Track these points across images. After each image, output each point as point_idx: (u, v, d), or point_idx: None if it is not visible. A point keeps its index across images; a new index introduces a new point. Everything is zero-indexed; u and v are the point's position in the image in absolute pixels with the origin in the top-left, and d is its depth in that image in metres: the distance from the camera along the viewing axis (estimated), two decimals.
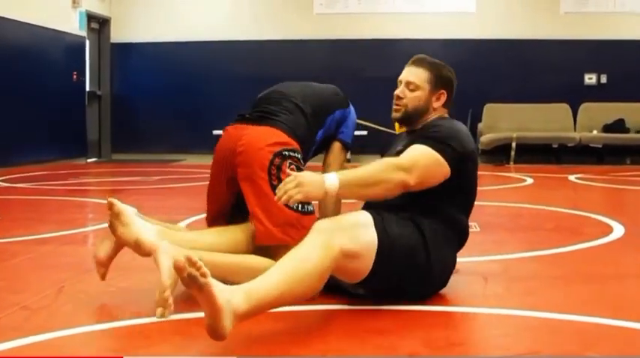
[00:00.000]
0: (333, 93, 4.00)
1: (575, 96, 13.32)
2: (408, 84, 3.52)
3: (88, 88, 13.68)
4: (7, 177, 9.73)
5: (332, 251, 2.93)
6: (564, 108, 13.33)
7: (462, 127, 3.44)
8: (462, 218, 3.44)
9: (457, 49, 13.55)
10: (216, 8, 14.11)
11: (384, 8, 13.74)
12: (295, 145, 3.56)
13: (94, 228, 5.39)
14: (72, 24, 13.06)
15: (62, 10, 12.77)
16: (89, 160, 13.63)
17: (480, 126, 13.38)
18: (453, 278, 3.78)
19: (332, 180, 3.02)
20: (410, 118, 3.53)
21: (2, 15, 10.96)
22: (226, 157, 3.59)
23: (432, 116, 3.52)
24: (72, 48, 13.05)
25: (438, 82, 3.52)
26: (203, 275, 2.45)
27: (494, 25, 13.64)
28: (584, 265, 4.36)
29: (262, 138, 3.53)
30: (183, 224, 4.86)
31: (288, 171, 3.39)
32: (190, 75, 13.85)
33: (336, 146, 3.94)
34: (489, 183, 9.82)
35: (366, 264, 3.09)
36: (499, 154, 12.78)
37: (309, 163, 3.78)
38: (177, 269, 2.43)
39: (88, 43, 13.72)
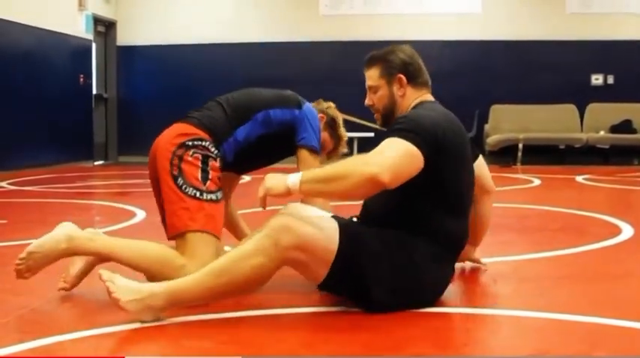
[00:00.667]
0: (274, 94, 3.87)
1: (582, 96, 13.29)
2: (370, 89, 3.44)
3: (94, 91, 13.68)
4: (14, 180, 9.74)
5: (271, 253, 2.96)
6: (571, 109, 13.31)
7: (429, 113, 3.21)
8: (449, 226, 3.19)
9: (463, 51, 13.56)
10: (221, 11, 14.11)
11: (390, 9, 13.73)
12: (202, 135, 3.53)
13: (101, 231, 5.37)
14: (78, 27, 13.08)
15: (68, 14, 12.78)
16: (96, 163, 13.65)
17: (487, 127, 13.37)
18: (462, 279, 3.78)
19: (295, 176, 3.02)
20: (388, 118, 3.40)
21: (9, 18, 10.97)
22: (150, 163, 3.64)
23: (409, 103, 3.38)
24: (78, 51, 13.07)
25: (390, 70, 3.38)
26: None
27: (500, 25, 13.62)
28: (592, 266, 4.34)
29: (168, 135, 3.58)
30: None
31: (190, 159, 3.42)
32: (197, 77, 13.86)
33: (302, 153, 3.77)
34: (496, 185, 9.77)
35: (322, 263, 3.02)
36: (505, 155, 12.76)
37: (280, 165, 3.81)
38: None
39: (94, 46, 13.74)
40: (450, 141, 3.15)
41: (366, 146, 3.60)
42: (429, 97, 3.45)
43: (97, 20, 13.85)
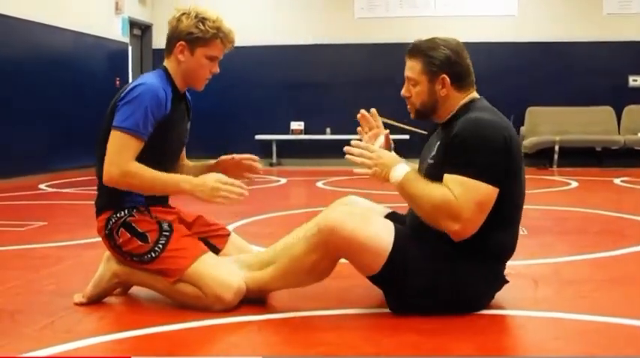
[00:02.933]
0: None
1: (619, 98, 13.15)
2: (408, 80, 3.30)
3: None
4: (52, 182, 9.84)
5: (320, 250, 3.07)
6: (608, 111, 13.18)
7: (488, 123, 3.08)
8: (499, 239, 3.15)
9: (499, 53, 13.48)
10: (257, 13, 14.15)
11: (425, 11, 13.69)
12: (103, 217, 3.42)
13: None
14: (114, 30, 13.17)
15: (105, 17, 12.89)
16: None
17: (523, 129, 13.27)
18: None
19: (400, 173, 3.06)
20: (425, 114, 3.29)
21: (46, 22, 11.08)
22: None
23: (454, 103, 3.25)
24: (114, 54, 13.16)
25: (433, 68, 3.22)
26: None
27: (536, 27, 13.52)
28: (633, 268, 4.31)
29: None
30: (231, 227, 4.86)
31: (121, 240, 3.35)
32: (231, 80, 13.88)
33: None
34: (534, 187, 9.73)
35: (376, 257, 3.04)
36: (542, 158, 12.67)
37: None
38: None
39: (130, 49, 13.83)
40: (515, 150, 3.10)
41: (401, 149, 3.56)
42: (476, 95, 3.35)
43: (133, 23, 13.95)
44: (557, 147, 12.55)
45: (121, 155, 3.26)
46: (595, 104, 13.18)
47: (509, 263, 3.30)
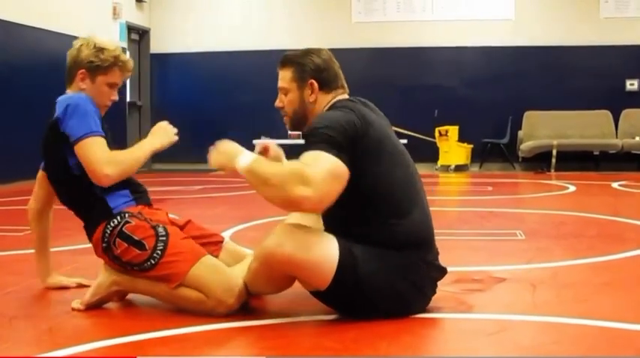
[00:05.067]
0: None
1: (617, 102, 13.18)
2: (280, 90, 3.35)
3: (128, 99, 13.79)
4: None
5: (266, 273, 3.14)
6: (605, 115, 13.20)
7: (334, 114, 3.12)
8: (395, 229, 3.09)
9: (496, 57, 13.52)
10: (254, 18, 14.17)
11: (423, 16, 13.71)
12: (98, 232, 3.42)
13: None
14: (112, 35, 13.16)
15: (103, 22, 12.88)
16: None
17: (520, 133, 13.30)
18: (501, 286, 3.77)
19: (245, 159, 3.02)
20: (298, 123, 3.32)
21: (43, 27, 11.09)
22: None
23: (317, 108, 3.28)
24: None
25: (302, 74, 3.27)
26: None
27: (534, 31, 13.54)
28: (632, 272, 4.31)
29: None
30: (227, 233, 4.87)
31: (119, 250, 3.35)
32: (229, 85, 13.93)
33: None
34: (531, 191, 9.77)
35: (322, 277, 3.03)
36: (539, 162, 12.69)
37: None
38: None
39: (128, 54, 13.79)
40: (372, 134, 3.09)
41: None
42: (343, 96, 3.33)
43: (131, 28, 13.95)
44: (554, 151, 12.58)
45: (102, 153, 3.36)
46: (592, 108, 13.22)
47: (504, 267, 3.31)
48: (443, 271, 3.28)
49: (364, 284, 3.03)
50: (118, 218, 3.38)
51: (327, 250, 3.01)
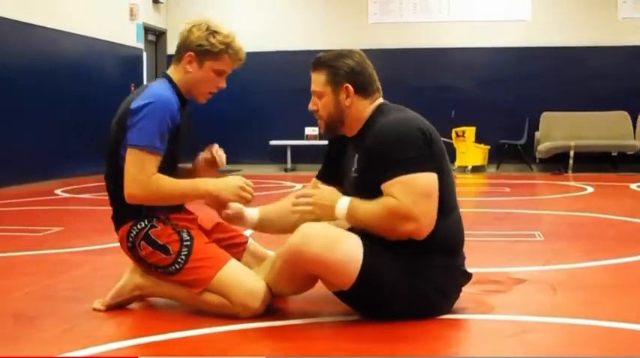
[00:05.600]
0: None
1: (634, 103, 13.10)
2: (314, 94, 3.34)
3: None
4: (68, 187, 9.88)
5: (289, 272, 3.14)
6: (623, 116, 13.13)
7: (396, 123, 3.12)
8: (440, 229, 3.09)
9: (513, 57, 13.48)
10: (270, 19, 14.19)
11: (439, 17, 13.69)
12: (124, 229, 3.38)
13: None
14: (129, 36, 13.23)
15: (120, 23, 12.94)
16: None
17: (537, 134, 13.25)
18: (521, 287, 3.76)
19: (342, 208, 3.06)
20: (334, 127, 3.31)
21: (61, 28, 11.14)
22: None
23: (362, 113, 3.25)
24: (129, 60, 13.22)
25: (336, 78, 3.25)
26: None
27: (551, 32, 13.49)
28: None
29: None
30: (247, 233, 4.86)
31: (144, 253, 3.33)
32: (245, 85, 13.91)
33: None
34: (549, 192, 9.74)
35: (346, 276, 3.03)
36: (556, 163, 12.64)
37: None
38: None
39: (144, 54, 13.88)
40: (433, 136, 3.11)
41: None
42: (381, 100, 3.32)
43: (148, 29, 14.01)
44: (572, 153, 12.52)
45: (142, 173, 3.24)
46: (610, 109, 13.15)
47: (523, 268, 3.30)
48: (469, 277, 3.29)
49: (388, 286, 3.03)
50: (146, 221, 3.35)
51: (352, 250, 3.02)
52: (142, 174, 3.24)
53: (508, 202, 8.19)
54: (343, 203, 3.08)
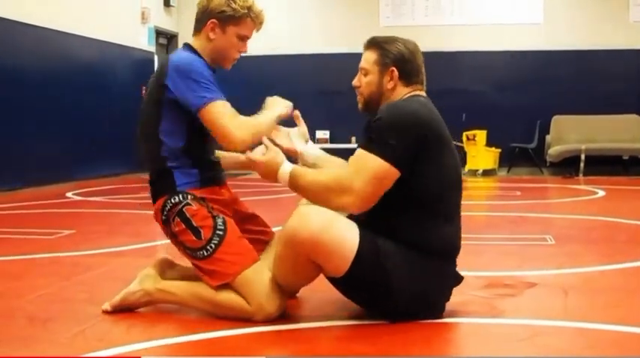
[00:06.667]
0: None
1: None
2: (361, 70, 3.37)
3: None
4: (80, 190, 9.90)
5: (290, 257, 3.11)
6: (634, 119, 13.09)
7: (407, 110, 3.14)
8: (432, 232, 3.12)
9: (524, 61, 13.46)
10: (282, 22, 14.19)
11: (451, 20, 13.69)
12: (160, 201, 3.42)
13: (166, 240, 5.44)
14: (140, 39, 13.27)
15: (131, 26, 12.99)
16: None
17: (548, 138, 13.22)
18: (532, 291, 3.75)
19: (285, 172, 3.17)
20: (371, 106, 3.32)
21: (72, 31, 11.18)
22: None
23: (393, 98, 3.30)
24: (140, 63, 13.25)
25: (386, 59, 3.28)
26: None
27: (562, 35, 13.47)
28: None
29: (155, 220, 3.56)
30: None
31: (177, 229, 3.36)
32: (257, 88, 13.82)
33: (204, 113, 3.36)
34: (560, 196, 9.72)
35: (342, 259, 3.02)
36: (567, 166, 12.60)
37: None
38: None
39: (156, 58, 13.91)
40: (431, 139, 3.11)
41: None
42: (421, 93, 3.36)
43: (159, 33, 14.04)
44: (583, 156, 12.47)
45: (234, 118, 3.33)
46: (621, 112, 13.10)
47: (535, 272, 3.30)
48: (460, 279, 3.29)
49: (385, 274, 3.03)
50: (181, 196, 3.37)
51: (348, 232, 3.03)
52: (235, 119, 3.34)
53: (519, 206, 8.17)
54: (289, 164, 3.18)
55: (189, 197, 3.37)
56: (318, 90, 13.55)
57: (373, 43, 3.35)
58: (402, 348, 2.87)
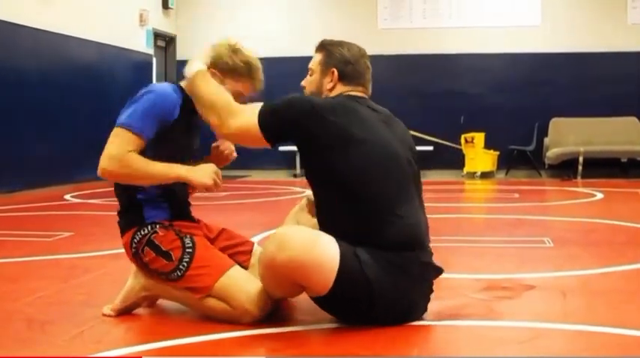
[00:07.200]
0: None
1: None
2: (308, 70, 3.50)
3: None
4: (78, 193, 9.89)
5: (270, 278, 3.13)
6: (633, 122, 13.10)
7: (310, 98, 3.28)
8: (380, 226, 3.08)
9: (522, 63, 13.48)
10: (280, 25, 14.21)
11: (449, 23, 13.70)
12: (128, 235, 3.42)
13: None
14: (139, 42, 13.27)
15: (130, 29, 12.99)
16: None
17: (546, 140, 13.23)
18: (531, 294, 3.75)
19: (195, 69, 3.41)
20: None
21: (71, 34, 11.18)
22: None
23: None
24: (139, 65, 13.25)
25: (329, 61, 3.39)
26: None
27: (560, 37, 13.49)
28: None
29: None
30: (256, 238, 4.88)
31: (147, 258, 3.35)
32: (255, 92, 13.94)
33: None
34: (558, 198, 9.72)
35: (324, 278, 2.99)
36: (566, 169, 12.60)
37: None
38: None
39: (154, 60, 13.92)
40: (330, 125, 3.14)
41: (425, 159, 3.57)
42: (356, 94, 3.40)
43: (158, 35, 14.04)
44: (581, 158, 12.47)
45: (118, 148, 3.28)
46: (620, 115, 13.11)
47: (533, 275, 3.29)
48: (439, 271, 3.28)
49: (371, 285, 3.00)
50: (149, 227, 3.38)
51: (328, 251, 2.99)
52: (117, 149, 3.28)
53: (517, 208, 8.17)
54: (197, 65, 3.41)
55: (157, 226, 3.38)
56: None
57: (321, 46, 3.48)
58: (399, 351, 2.87)
